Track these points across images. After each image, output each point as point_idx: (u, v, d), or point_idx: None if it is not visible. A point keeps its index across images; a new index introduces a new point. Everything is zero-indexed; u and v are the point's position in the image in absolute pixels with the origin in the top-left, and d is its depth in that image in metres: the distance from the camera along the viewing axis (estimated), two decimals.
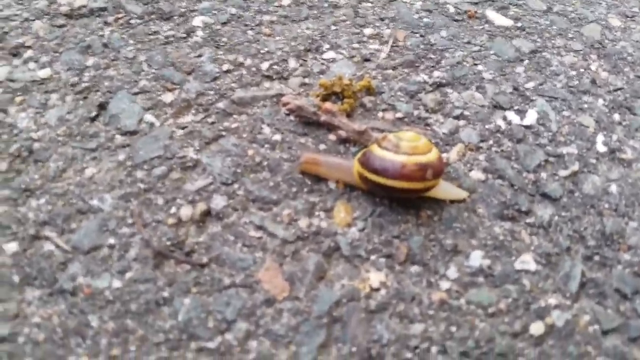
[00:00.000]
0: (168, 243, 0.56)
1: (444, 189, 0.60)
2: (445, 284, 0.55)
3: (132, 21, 0.78)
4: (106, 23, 0.78)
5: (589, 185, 0.64)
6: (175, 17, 0.79)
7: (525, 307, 0.54)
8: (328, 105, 0.65)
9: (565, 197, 0.62)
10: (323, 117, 0.65)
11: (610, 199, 0.63)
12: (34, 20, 0.77)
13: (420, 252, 0.57)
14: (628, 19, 0.88)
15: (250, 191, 0.60)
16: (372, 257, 0.57)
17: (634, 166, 0.66)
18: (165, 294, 0.54)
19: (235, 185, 0.61)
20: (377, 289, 0.55)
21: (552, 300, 0.55)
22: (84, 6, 0.79)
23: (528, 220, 0.60)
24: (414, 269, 0.56)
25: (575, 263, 0.57)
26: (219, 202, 0.59)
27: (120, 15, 0.78)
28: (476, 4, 0.86)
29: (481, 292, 0.55)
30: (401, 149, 0.57)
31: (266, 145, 0.64)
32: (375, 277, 0.55)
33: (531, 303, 0.55)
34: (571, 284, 0.56)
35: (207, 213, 0.58)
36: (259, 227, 0.58)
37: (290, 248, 0.57)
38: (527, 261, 0.57)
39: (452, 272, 0.56)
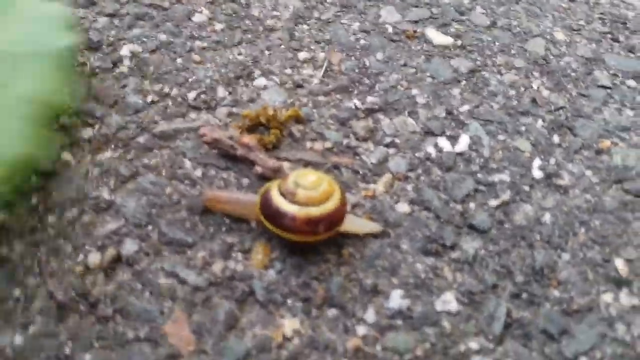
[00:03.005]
0: (73, 294, 0.54)
1: (354, 224, 0.58)
2: (362, 329, 0.53)
3: None
4: None
5: (521, 215, 0.61)
6: (104, 47, 0.76)
7: (444, 352, 0.52)
8: (245, 138, 0.62)
9: (495, 229, 0.60)
10: (239, 151, 0.62)
11: (542, 229, 0.60)
12: None
13: (339, 294, 0.55)
14: (574, 32, 0.85)
15: (164, 233, 0.58)
16: (289, 302, 0.54)
17: (570, 193, 0.63)
18: (67, 349, 0.51)
19: (149, 227, 0.58)
20: (290, 338, 0.52)
21: (474, 344, 0.52)
22: None
23: (453, 256, 0.58)
24: (331, 312, 0.54)
25: (500, 302, 0.55)
26: (129, 247, 0.57)
27: None
28: (416, 22, 0.84)
29: (398, 336, 0.53)
30: (296, 198, 0.54)
31: (186, 182, 0.62)
32: (289, 324, 0.53)
33: (450, 348, 0.52)
34: (495, 325, 0.54)
35: (116, 259, 0.56)
36: (170, 274, 0.55)
37: (201, 296, 0.54)
38: (448, 300, 0.55)
39: (371, 315, 0.54)
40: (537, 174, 0.65)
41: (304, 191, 0.54)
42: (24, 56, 0.58)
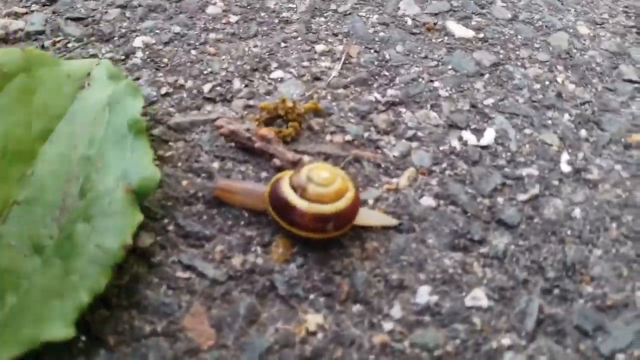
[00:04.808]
0: None
1: (369, 217, 0.57)
2: (388, 325, 0.50)
3: (70, 44, 0.74)
4: (43, 47, 0.73)
5: (551, 209, 0.59)
6: (116, 39, 0.74)
7: (475, 348, 0.50)
8: (263, 130, 0.60)
9: (524, 224, 0.57)
10: (257, 144, 0.60)
11: (573, 224, 0.58)
12: None
13: (364, 289, 0.52)
14: (597, 26, 0.83)
15: (181, 226, 0.55)
16: (311, 297, 0.52)
17: (599, 187, 0.61)
18: (80, 344, 0.48)
19: (165, 220, 0.56)
20: (314, 333, 0.50)
21: (506, 341, 0.50)
22: (21, 29, 0.75)
23: (481, 251, 0.55)
24: (356, 308, 0.51)
25: (532, 298, 0.52)
26: (145, 239, 0.54)
27: (58, 39, 0.74)
28: (436, 14, 0.82)
29: (427, 332, 0.50)
30: (306, 193, 0.52)
31: (203, 175, 0.59)
32: (312, 319, 0.50)
33: (482, 344, 0.50)
34: (527, 322, 0.51)
35: (131, 252, 0.53)
36: (188, 267, 0.53)
37: (220, 289, 0.52)
38: (478, 297, 0.52)
39: (397, 310, 0.51)
40: (566, 168, 0.63)
41: (316, 187, 0.52)
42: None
